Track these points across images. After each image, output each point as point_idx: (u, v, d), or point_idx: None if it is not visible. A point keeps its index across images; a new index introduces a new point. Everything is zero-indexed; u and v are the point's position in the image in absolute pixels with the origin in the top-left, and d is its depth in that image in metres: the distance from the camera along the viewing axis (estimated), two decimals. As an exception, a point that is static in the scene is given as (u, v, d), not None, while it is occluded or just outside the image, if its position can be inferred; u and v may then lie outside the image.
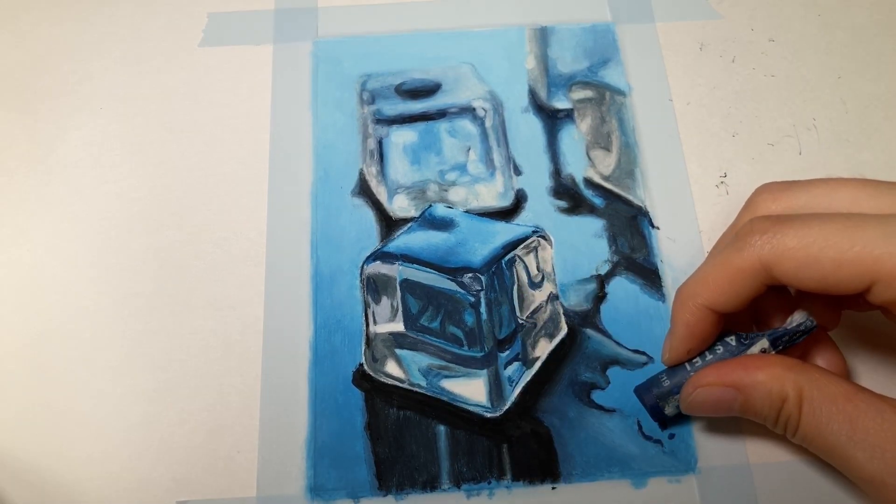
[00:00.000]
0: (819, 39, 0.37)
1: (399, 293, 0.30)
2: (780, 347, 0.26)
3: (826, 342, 0.27)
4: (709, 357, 0.27)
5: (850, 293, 0.23)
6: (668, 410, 0.27)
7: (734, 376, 0.25)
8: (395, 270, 0.30)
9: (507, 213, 0.33)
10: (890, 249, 0.22)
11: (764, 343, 0.26)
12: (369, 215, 0.33)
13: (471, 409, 0.29)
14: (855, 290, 0.23)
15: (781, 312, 0.27)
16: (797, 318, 0.26)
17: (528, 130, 0.34)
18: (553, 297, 0.31)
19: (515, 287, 0.30)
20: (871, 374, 0.29)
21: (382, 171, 0.34)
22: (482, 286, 0.29)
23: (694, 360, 0.27)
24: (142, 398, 0.30)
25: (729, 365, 0.25)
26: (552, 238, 0.32)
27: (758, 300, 0.26)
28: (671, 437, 0.28)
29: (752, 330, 0.28)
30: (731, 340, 0.27)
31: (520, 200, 0.33)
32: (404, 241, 0.31)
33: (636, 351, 0.30)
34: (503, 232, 0.31)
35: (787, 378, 0.24)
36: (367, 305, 0.31)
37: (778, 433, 0.25)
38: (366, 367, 0.30)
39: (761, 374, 0.25)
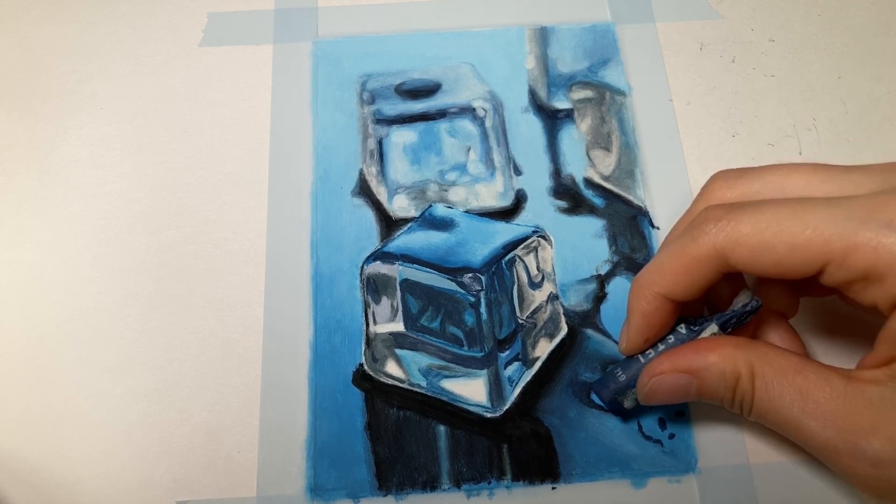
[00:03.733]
0: (819, 39, 0.37)
1: (399, 293, 0.30)
2: (730, 330, 0.26)
3: (783, 328, 0.28)
4: (661, 347, 0.27)
5: (804, 276, 0.24)
6: (627, 404, 0.28)
7: (687, 361, 0.25)
8: (395, 270, 0.30)
9: (507, 213, 0.33)
10: (839, 231, 0.22)
11: (713, 328, 0.26)
12: (369, 215, 0.33)
13: (471, 409, 0.29)
14: (808, 273, 0.23)
15: (734, 294, 0.27)
16: (742, 299, 0.26)
17: (528, 130, 0.34)
18: (553, 297, 0.31)
19: (515, 287, 0.30)
20: (828, 359, 0.30)
21: (382, 171, 0.34)
22: (482, 286, 0.29)
23: (647, 352, 0.27)
24: (142, 398, 0.30)
25: (681, 351, 0.26)
26: (552, 238, 0.32)
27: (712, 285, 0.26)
28: (671, 437, 0.28)
29: (704, 312, 0.28)
30: (682, 329, 0.27)
31: (520, 200, 0.33)
32: (404, 241, 0.31)
33: (636, 351, 0.30)
34: (503, 232, 0.31)
35: (738, 356, 0.25)
36: (367, 305, 0.31)
37: (735, 413, 0.26)
38: (366, 367, 0.30)
39: (713, 355, 0.25)
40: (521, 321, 0.30)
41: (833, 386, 0.23)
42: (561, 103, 0.35)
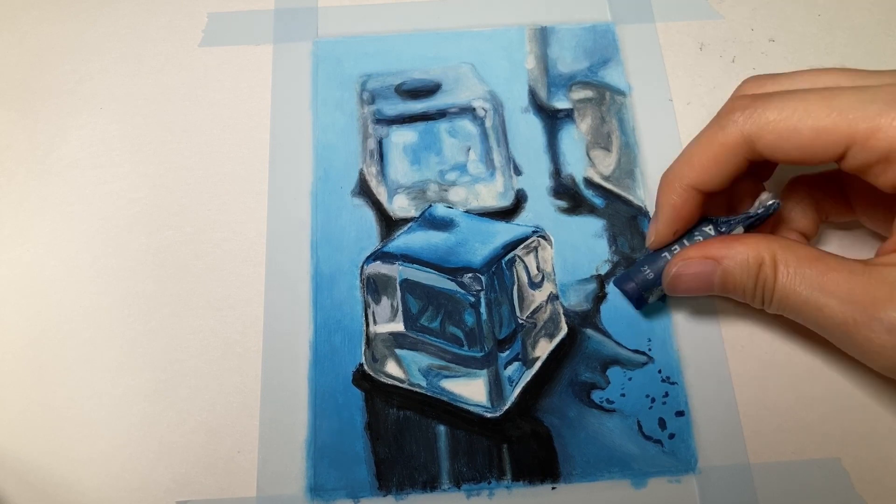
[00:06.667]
0: (819, 39, 0.37)
1: (399, 293, 0.30)
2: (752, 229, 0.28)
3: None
4: (687, 244, 0.28)
5: (827, 161, 0.25)
6: (651, 299, 0.29)
7: (713, 249, 0.27)
8: (395, 270, 0.30)
9: (507, 213, 0.33)
10: (863, 113, 0.23)
11: (739, 230, 0.28)
12: (369, 215, 0.33)
13: (471, 409, 0.29)
14: (832, 158, 0.25)
15: (755, 199, 0.28)
16: (765, 198, 0.28)
17: (528, 130, 0.34)
18: (553, 297, 0.31)
19: (515, 287, 0.30)
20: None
21: (382, 171, 0.34)
22: (482, 286, 0.29)
23: (672, 248, 0.28)
24: (142, 398, 0.30)
25: (709, 242, 0.27)
26: (552, 238, 0.32)
27: (733, 187, 0.27)
28: (671, 437, 0.28)
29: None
30: (709, 229, 0.28)
31: (520, 200, 0.33)
32: (404, 241, 0.31)
33: (636, 351, 0.30)
34: (503, 232, 0.31)
35: (762, 245, 0.26)
36: (367, 305, 0.31)
37: (755, 306, 0.27)
38: (366, 367, 0.30)
39: (738, 244, 0.26)
40: (521, 321, 0.30)
41: (852, 269, 0.24)
42: (561, 103, 0.35)
